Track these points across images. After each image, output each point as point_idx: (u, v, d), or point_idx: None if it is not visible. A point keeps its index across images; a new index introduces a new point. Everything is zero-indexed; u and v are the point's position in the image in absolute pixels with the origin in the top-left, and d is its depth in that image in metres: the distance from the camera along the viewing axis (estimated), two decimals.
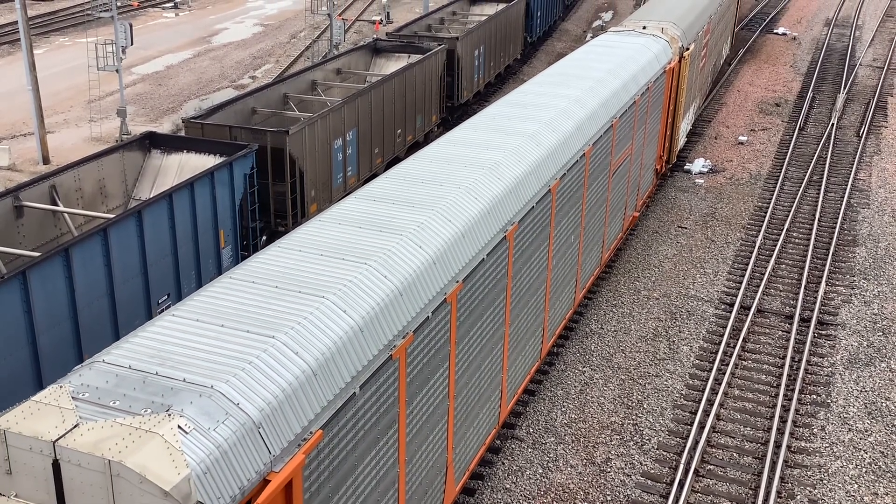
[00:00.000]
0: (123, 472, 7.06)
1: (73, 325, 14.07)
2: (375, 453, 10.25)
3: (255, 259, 10.67)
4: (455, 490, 13.11)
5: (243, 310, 9.37)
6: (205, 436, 7.59)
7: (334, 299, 9.76)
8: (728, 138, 32.30)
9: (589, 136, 17.51)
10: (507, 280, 13.85)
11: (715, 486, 14.99)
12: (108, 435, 7.28)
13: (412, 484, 11.46)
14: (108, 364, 8.28)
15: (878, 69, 41.58)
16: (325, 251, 10.86)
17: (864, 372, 18.29)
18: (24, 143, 31.25)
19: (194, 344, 8.70)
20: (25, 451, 7.38)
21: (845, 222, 25.31)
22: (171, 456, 7.15)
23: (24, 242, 16.22)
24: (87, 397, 7.79)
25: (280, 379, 8.52)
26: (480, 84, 34.95)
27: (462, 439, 13.13)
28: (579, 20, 52.25)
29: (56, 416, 7.45)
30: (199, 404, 7.79)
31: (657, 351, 18.94)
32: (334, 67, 27.82)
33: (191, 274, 17.02)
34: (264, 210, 20.20)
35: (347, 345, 9.46)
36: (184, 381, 8.05)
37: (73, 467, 7.23)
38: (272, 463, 8.11)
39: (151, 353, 8.48)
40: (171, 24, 51.25)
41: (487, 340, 13.53)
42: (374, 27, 48.55)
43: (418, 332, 10.82)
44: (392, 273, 10.69)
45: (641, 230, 24.61)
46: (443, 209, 12.45)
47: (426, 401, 11.52)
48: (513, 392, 15.39)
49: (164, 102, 36.49)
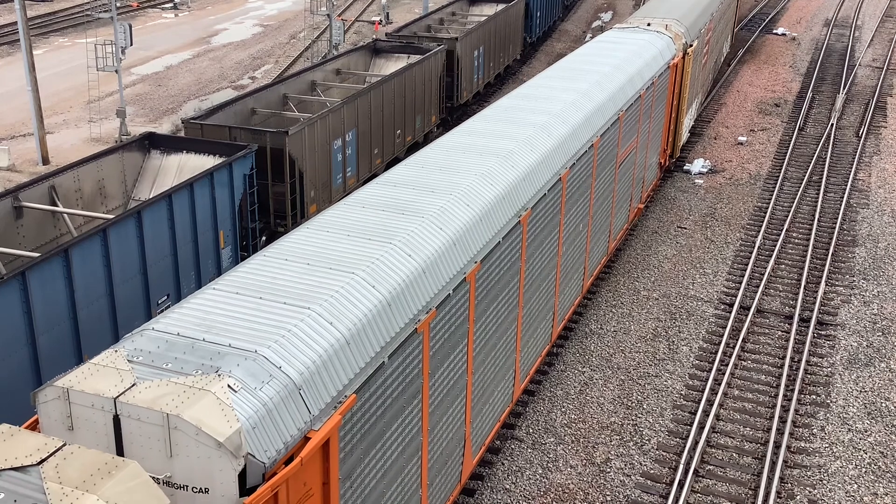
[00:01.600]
0: (181, 424, 7.62)
1: (72, 326, 14.07)
2: (402, 421, 10.81)
3: (286, 239, 11.24)
4: (472, 462, 13.72)
5: (279, 284, 9.97)
6: (252, 395, 8.17)
7: (363, 275, 10.38)
8: (727, 139, 32.30)
9: (597, 127, 18.00)
10: (521, 263, 14.43)
11: (714, 486, 14.99)
12: (165, 392, 7.83)
13: (434, 453, 12.05)
14: (157, 331, 8.86)
15: (877, 69, 41.60)
16: (351, 232, 11.45)
17: (863, 372, 18.29)
18: (24, 143, 31.25)
19: (236, 314, 9.30)
20: (87, 407, 7.91)
21: (845, 222, 25.32)
22: (223, 411, 7.75)
23: (23, 243, 16.22)
24: (142, 360, 8.41)
25: (317, 346, 9.13)
26: (480, 85, 34.95)
27: (479, 414, 13.70)
28: (579, 21, 52.26)
29: (114, 376, 8.03)
30: (245, 367, 8.39)
31: (657, 351, 18.94)
32: (334, 68, 27.82)
33: (190, 274, 17.01)
34: (264, 210, 20.21)
35: (376, 317, 10.08)
36: (229, 347, 8.64)
37: (132, 422, 7.78)
38: (312, 422, 8.69)
39: (197, 322, 9.07)
40: (171, 25, 51.25)
41: (503, 321, 14.07)
42: (373, 28, 48.56)
43: (440, 308, 11.41)
44: (415, 252, 11.29)
45: (641, 230, 24.62)
46: (461, 194, 13.01)
47: (447, 374, 12.09)
48: (525, 372, 15.91)
49: (164, 103, 36.49)
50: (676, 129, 27.38)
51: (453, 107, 32.30)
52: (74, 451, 7.07)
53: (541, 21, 43.84)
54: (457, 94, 32.19)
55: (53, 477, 6.81)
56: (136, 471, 7.02)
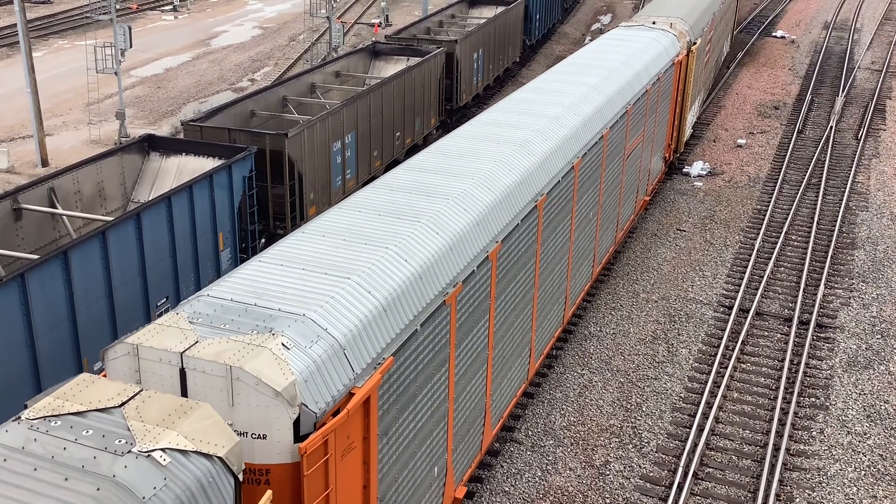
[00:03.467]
0: (242, 375, 8.36)
1: (71, 328, 14.06)
2: (431, 386, 11.61)
3: (322, 217, 12.06)
4: (492, 433, 14.44)
5: (319, 257, 10.80)
6: (303, 352, 8.95)
7: (395, 250, 11.16)
8: (727, 141, 32.32)
9: (606, 119, 18.72)
10: (537, 246, 15.20)
11: (714, 488, 14.98)
12: (226, 348, 8.62)
13: (458, 420, 12.83)
14: (212, 297, 9.63)
15: (876, 72, 41.63)
16: (381, 212, 12.24)
17: (862, 375, 18.29)
18: (23, 145, 31.25)
19: (282, 283, 10.08)
20: (155, 362, 8.64)
21: (844, 225, 25.32)
22: (279, 365, 8.56)
23: (22, 245, 16.21)
24: (201, 322, 9.17)
25: (357, 312, 9.93)
26: (479, 87, 34.97)
27: (498, 388, 14.47)
28: (578, 23, 52.29)
29: (179, 334, 8.84)
30: (295, 328, 9.15)
31: (656, 354, 18.93)
32: (333, 70, 27.83)
33: (189, 276, 17.01)
34: (263, 212, 20.20)
35: (409, 288, 10.84)
36: (279, 311, 9.40)
37: (197, 374, 8.51)
38: (355, 380, 9.46)
39: (248, 289, 9.85)
40: (170, 27, 51.26)
41: (520, 300, 14.81)
42: (373, 30, 48.57)
43: (466, 283, 12.21)
44: (442, 231, 12.09)
45: (640, 233, 24.63)
46: (482, 179, 13.78)
47: (471, 346, 12.88)
48: (540, 351, 16.56)
49: (163, 105, 36.49)
50: (680, 125, 27.94)
51: (452, 109, 32.31)
52: (151, 396, 7.75)
53: (540, 24, 43.86)
54: (456, 96, 32.20)
55: (135, 416, 7.48)
56: (209, 412, 7.72)
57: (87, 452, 7.02)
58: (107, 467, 6.89)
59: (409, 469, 11.27)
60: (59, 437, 7.16)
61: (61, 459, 6.94)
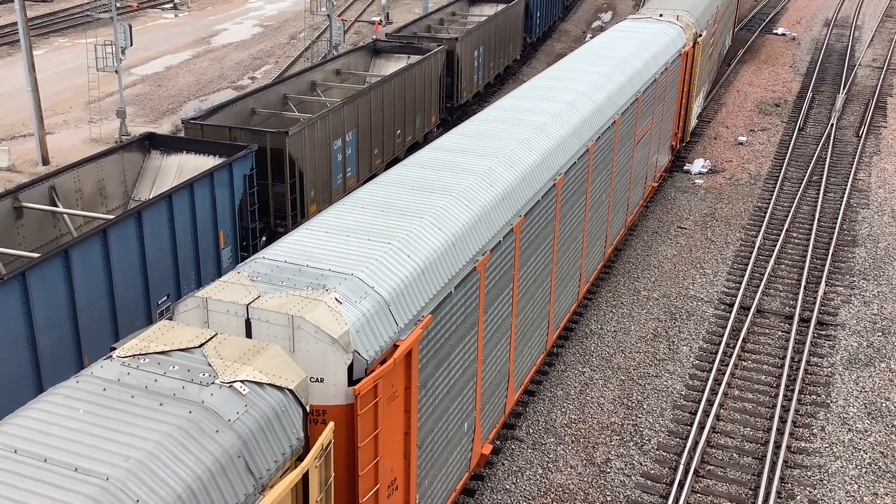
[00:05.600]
0: (303, 324, 9.28)
1: (72, 326, 14.06)
2: (463, 346, 12.49)
3: (359, 192, 13.01)
4: (514, 398, 15.37)
5: (361, 225, 11.74)
6: (354, 306, 9.86)
7: (430, 220, 12.11)
8: (727, 139, 32.30)
9: (618, 105, 19.56)
10: (556, 223, 16.09)
11: (715, 486, 14.98)
12: (286, 301, 9.53)
13: (486, 381, 13.76)
14: (268, 259, 10.61)
15: (877, 69, 41.60)
16: (414, 187, 13.17)
17: (863, 372, 18.29)
18: (24, 144, 31.26)
19: (330, 247, 11.05)
20: (223, 313, 9.57)
21: (845, 222, 25.32)
22: (335, 316, 9.51)
23: (23, 243, 16.22)
24: (261, 279, 10.11)
25: (399, 273, 10.82)
26: (480, 85, 34.95)
27: (520, 354, 15.35)
28: (579, 21, 52.27)
29: (242, 290, 9.78)
30: (345, 285, 10.09)
31: (657, 351, 18.93)
32: (334, 68, 27.82)
33: (190, 275, 17.01)
34: (264, 211, 20.20)
35: (444, 254, 11.75)
36: (330, 271, 10.37)
37: (261, 324, 9.40)
38: (398, 333, 10.33)
39: (299, 253, 10.80)
40: (171, 25, 51.25)
41: (541, 272, 15.71)
42: (373, 28, 48.56)
43: (493, 252, 13.12)
44: (471, 203, 13.00)
45: (641, 230, 24.62)
46: (505, 157, 14.70)
47: (497, 313, 13.76)
48: (557, 324, 17.43)
49: (164, 103, 36.49)
50: (687, 115, 28.62)
51: (453, 107, 32.29)
52: (226, 338, 8.75)
53: (541, 21, 43.84)
54: (457, 94, 32.19)
55: (214, 354, 8.43)
56: (278, 351, 8.76)
57: (176, 384, 7.92)
58: (195, 395, 7.80)
59: (443, 421, 12.18)
60: (149, 371, 8.06)
61: (154, 389, 7.82)
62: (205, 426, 7.53)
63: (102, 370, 8.10)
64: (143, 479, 6.91)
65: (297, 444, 8.38)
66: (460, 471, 13.19)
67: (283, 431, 8.19)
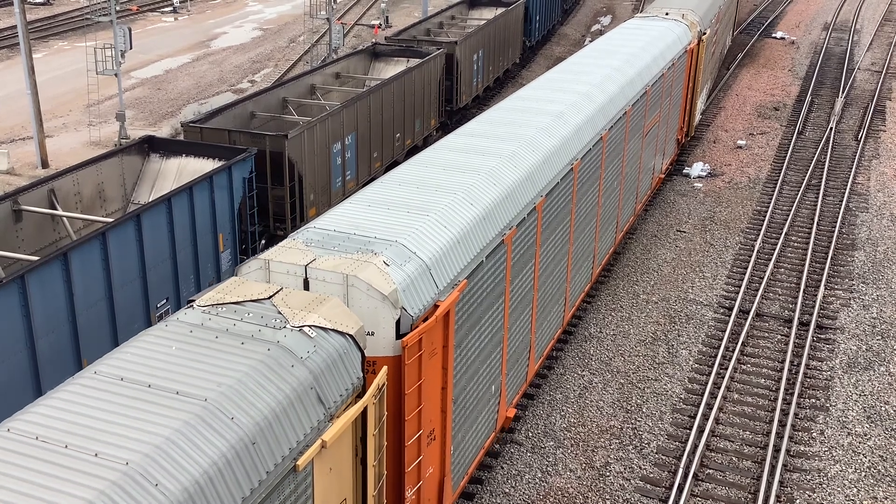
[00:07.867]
0: (356, 282, 10.27)
1: (71, 329, 14.05)
2: (492, 313, 13.47)
3: (395, 172, 14.02)
4: (535, 367, 16.25)
5: (400, 200, 12.76)
6: (399, 269, 10.84)
7: (462, 196, 13.14)
8: (727, 142, 32.32)
9: (629, 97, 20.54)
10: (572, 205, 17.04)
11: (714, 490, 14.97)
12: (340, 262, 10.56)
13: (511, 347, 14.70)
14: (318, 228, 11.62)
15: (876, 73, 41.63)
16: (445, 167, 14.23)
17: (863, 376, 18.28)
18: (23, 146, 31.25)
19: (373, 218, 12.05)
20: (283, 274, 10.50)
21: (844, 226, 25.32)
22: (384, 276, 10.49)
23: (22, 246, 16.21)
24: (315, 245, 11.10)
25: (437, 241, 11.82)
26: (479, 88, 34.97)
27: (540, 327, 16.30)
28: (578, 24, 52.31)
29: (300, 253, 10.76)
30: (391, 250, 11.08)
31: (656, 355, 18.93)
32: (333, 71, 27.83)
33: (189, 278, 17.00)
34: (263, 214, 20.20)
35: (476, 226, 12.76)
36: (376, 238, 11.36)
37: (319, 283, 10.39)
38: (438, 294, 11.28)
39: (346, 223, 11.81)
40: (170, 29, 51.28)
41: (559, 250, 16.70)
42: (373, 31, 48.58)
43: (519, 227, 14.14)
44: (498, 183, 14.03)
45: (640, 234, 24.63)
46: (526, 142, 15.68)
47: (521, 285, 14.71)
48: (573, 302, 18.45)
49: (163, 106, 36.50)
50: (692, 110, 29.55)
51: (452, 110, 32.31)
52: (292, 291, 9.84)
53: (540, 25, 43.87)
54: (456, 97, 32.20)
55: (283, 305, 9.49)
56: (338, 302, 9.89)
57: (252, 328, 9.04)
58: (271, 336, 8.91)
59: (474, 381, 13.18)
60: (227, 317, 9.18)
61: (234, 331, 8.95)
62: (282, 361, 8.65)
63: (187, 316, 9.16)
64: (236, 401, 8.01)
65: (357, 382, 9.46)
66: (488, 430, 14.21)
67: (345, 370, 9.27)
